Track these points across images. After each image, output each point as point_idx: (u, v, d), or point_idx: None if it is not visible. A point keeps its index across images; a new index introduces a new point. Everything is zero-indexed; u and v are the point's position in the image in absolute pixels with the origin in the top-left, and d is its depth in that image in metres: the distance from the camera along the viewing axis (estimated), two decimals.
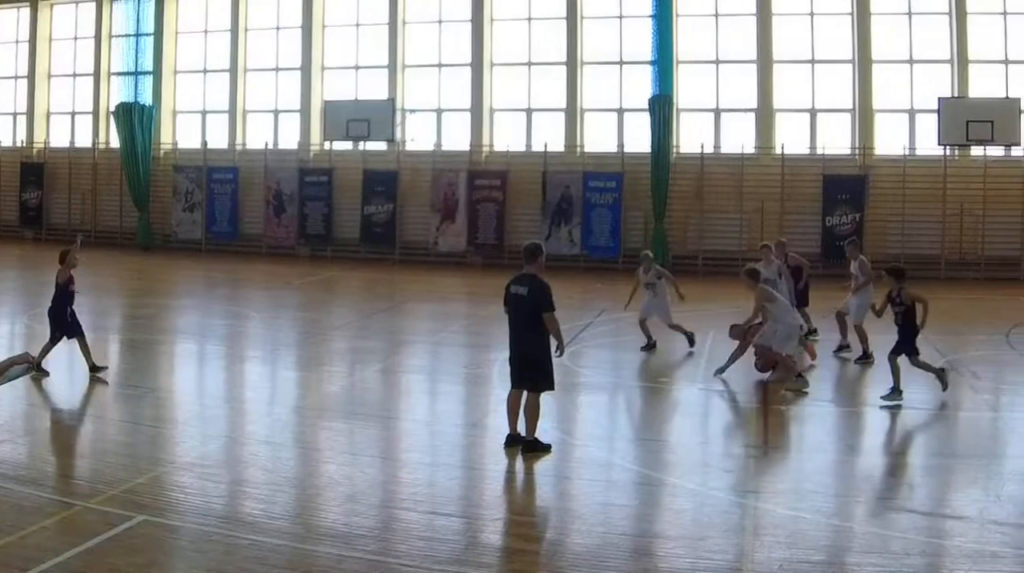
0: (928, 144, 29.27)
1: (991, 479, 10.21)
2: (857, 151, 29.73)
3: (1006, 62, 29.59)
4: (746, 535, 8.46)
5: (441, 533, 8.45)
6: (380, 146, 31.39)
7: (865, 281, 16.64)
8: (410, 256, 30.58)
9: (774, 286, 15.91)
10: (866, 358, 15.97)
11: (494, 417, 11.81)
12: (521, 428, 10.77)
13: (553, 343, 10.63)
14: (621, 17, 30.50)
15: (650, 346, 16.64)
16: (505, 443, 10.77)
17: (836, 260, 29.57)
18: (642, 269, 17.00)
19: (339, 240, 31.73)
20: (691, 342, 16.65)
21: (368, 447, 11.32)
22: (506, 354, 10.95)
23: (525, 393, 10.73)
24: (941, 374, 13.70)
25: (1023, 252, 29.02)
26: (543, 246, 11.08)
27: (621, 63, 30.60)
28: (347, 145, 31.84)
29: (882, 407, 13.16)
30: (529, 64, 31.01)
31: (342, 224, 31.77)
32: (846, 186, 29.29)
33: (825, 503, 9.42)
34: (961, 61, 29.52)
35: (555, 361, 10.81)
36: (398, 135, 31.11)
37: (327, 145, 32.18)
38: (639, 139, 29.88)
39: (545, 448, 10.71)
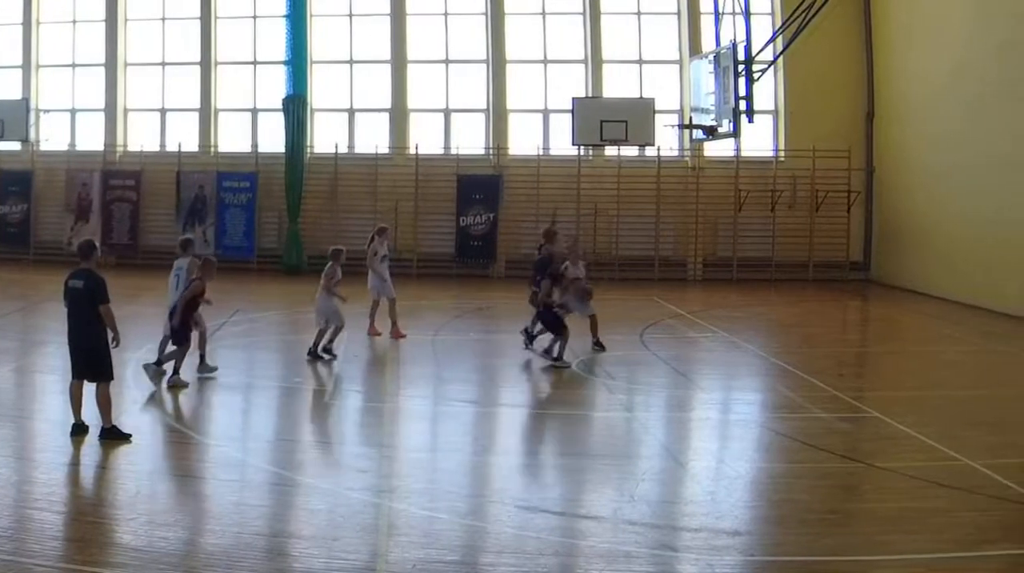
0: (562, 144, 29.41)
1: (625, 479, 10.26)
2: (491, 151, 29.85)
3: (640, 62, 30.00)
4: (380, 535, 8.46)
5: (76, 534, 8.38)
6: (14, 146, 30.76)
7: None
8: (44, 256, 30.00)
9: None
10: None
11: (128, 416, 11.80)
12: (84, 417, 11.10)
13: (110, 334, 11.01)
14: (255, 17, 30.29)
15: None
16: (71, 432, 10.99)
17: (470, 260, 29.88)
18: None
19: None
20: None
21: (2, 447, 11.03)
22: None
23: (94, 386, 11.07)
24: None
25: (656, 252, 29.31)
26: (96, 243, 11.52)
27: (255, 63, 30.38)
28: None
29: None
30: (163, 64, 30.58)
31: None
32: (480, 186, 29.43)
33: (460, 503, 9.50)
34: (595, 61, 29.86)
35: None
36: (32, 135, 30.57)
37: None
38: (273, 139, 29.70)
39: (125, 437, 10.98)
